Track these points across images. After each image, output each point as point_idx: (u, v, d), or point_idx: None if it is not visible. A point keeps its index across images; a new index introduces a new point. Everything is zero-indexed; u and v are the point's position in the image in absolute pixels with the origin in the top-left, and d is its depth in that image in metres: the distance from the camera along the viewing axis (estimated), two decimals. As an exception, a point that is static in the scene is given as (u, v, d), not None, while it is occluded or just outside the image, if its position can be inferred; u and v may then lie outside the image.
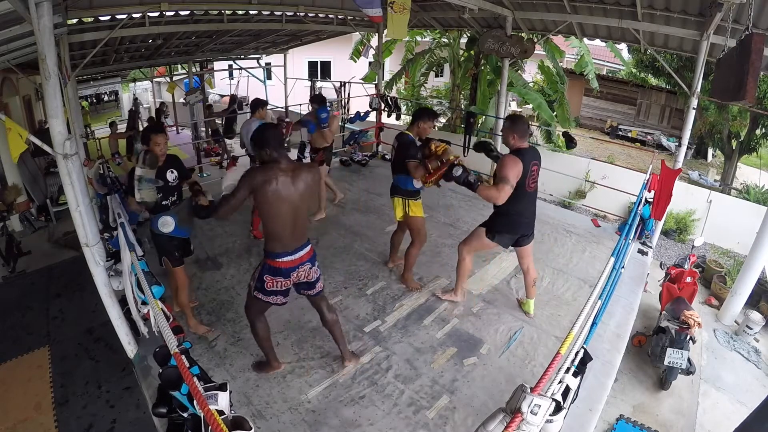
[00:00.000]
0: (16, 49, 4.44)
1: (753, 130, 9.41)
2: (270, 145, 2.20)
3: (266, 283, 2.33)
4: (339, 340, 2.71)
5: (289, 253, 2.31)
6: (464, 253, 3.21)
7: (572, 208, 7.48)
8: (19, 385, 3.71)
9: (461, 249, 3.22)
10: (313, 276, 2.46)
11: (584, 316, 1.88)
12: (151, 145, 2.74)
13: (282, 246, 2.29)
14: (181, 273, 2.95)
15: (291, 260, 2.32)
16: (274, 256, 2.30)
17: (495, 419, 1.48)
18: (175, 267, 2.90)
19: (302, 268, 2.38)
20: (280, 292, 2.39)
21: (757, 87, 4.86)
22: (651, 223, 4.45)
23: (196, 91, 9.92)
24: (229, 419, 1.42)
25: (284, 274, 2.33)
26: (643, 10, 4.70)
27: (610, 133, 14.36)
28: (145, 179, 2.64)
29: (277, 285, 2.34)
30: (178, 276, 2.94)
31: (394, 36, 4.95)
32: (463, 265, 3.25)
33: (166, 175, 2.80)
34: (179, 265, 2.92)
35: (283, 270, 2.32)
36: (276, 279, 2.33)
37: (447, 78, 14.21)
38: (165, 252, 2.88)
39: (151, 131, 2.80)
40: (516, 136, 2.82)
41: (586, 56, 9.23)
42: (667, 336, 3.75)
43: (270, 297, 2.39)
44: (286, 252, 2.30)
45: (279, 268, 2.31)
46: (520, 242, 3.08)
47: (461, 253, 3.23)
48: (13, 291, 5.14)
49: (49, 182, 7.59)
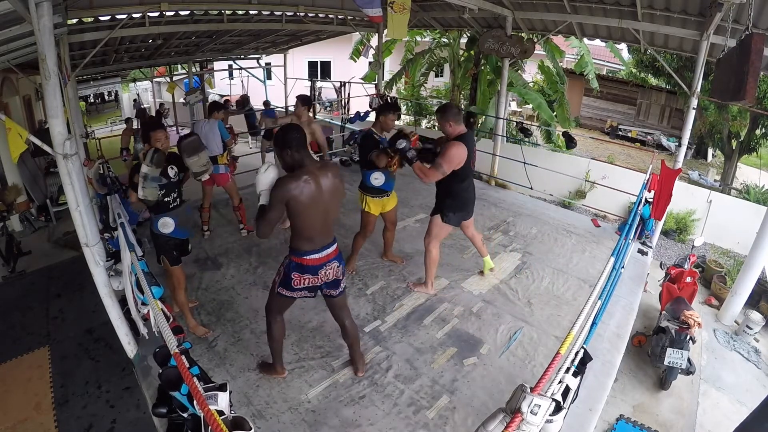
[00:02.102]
0: (16, 49, 4.44)
1: (753, 130, 9.41)
2: (292, 146, 2.13)
3: (293, 280, 2.30)
4: (356, 354, 2.70)
5: (317, 251, 2.27)
6: (429, 245, 3.35)
7: (572, 208, 7.47)
8: (19, 385, 3.71)
9: (425, 243, 3.38)
10: (339, 274, 2.41)
11: (584, 316, 1.88)
12: (152, 142, 2.74)
13: (310, 245, 2.26)
14: (179, 272, 2.96)
15: (318, 257, 2.28)
16: (301, 254, 2.26)
17: (495, 419, 1.48)
18: (172, 266, 2.91)
19: (330, 266, 2.34)
20: (308, 288, 2.35)
21: (757, 87, 4.86)
22: (651, 223, 4.45)
23: (196, 91, 9.92)
24: (229, 419, 1.42)
25: (312, 272, 2.29)
26: (643, 10, 4.70)
27: (610, 133, 14.36)
28: (150, 177, 2.64)
29: (304, 282, 2.31)
30: (176, 275, 2.95)
31: (394, 36, 4.95)
32: (430, 258, 3.39)
33: (167, 171, 2.80)
34: (177, 264, 2.93)
35: (310, 267, 2.28)
36: (304, 276, 2.29)
37: (447, 78, 14.21)
38: (163, 251, 2.88)
39: (150, 128, 2.80)
40: (452, 122, 2.94)
41: (586, 56, 9.22)
42: (667, 336, 3.75)
43: (295, 293, 2.36)
44: (314, 250, 2.26)
45: (306, 265, 2.28)
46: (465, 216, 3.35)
47: (426, 246, 3.37)
48: (13, 291, 5.14)
49: (49, 182, 7.60)
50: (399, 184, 3.78)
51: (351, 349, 2.70)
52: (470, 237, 3.62)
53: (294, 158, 2.15)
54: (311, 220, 2.19)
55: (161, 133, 2.79)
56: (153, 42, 7.46)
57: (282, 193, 2.09)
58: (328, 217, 2.27)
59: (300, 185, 2.09)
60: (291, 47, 11.00)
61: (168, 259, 2.88)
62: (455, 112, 2.97)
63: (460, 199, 3.21)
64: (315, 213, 2.18)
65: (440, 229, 3.30)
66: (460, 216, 3.29)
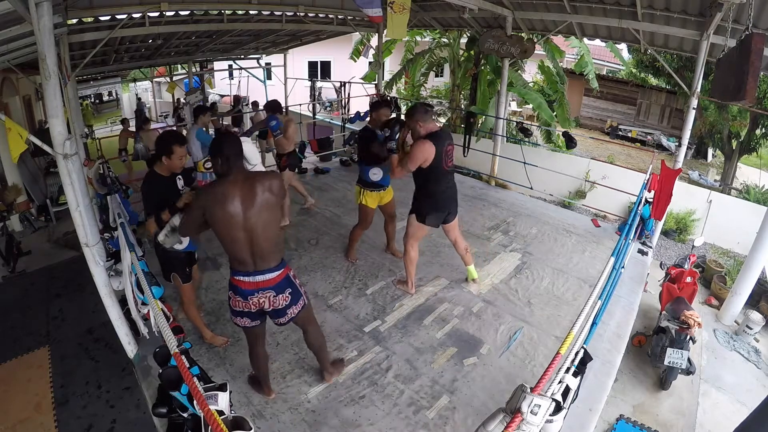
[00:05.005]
0: (16, 49, 4.44)
1: (753, 130, 9.41)
2: (223, 154, 1.96)
3: (231, 300, 2.13)
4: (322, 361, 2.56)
5: (248, 274, 2.04)
6: (407, 245, 3.37)
7: (572, 208, 7.47)
8: (19, 385, 3.71)
9: (404, 242, 3.39)
10: (281, 303, 2.12)
11: (584, 316, 1.88)
12: (172, 157, 2.48)
13: (240, 264, 2.04)
14: (190, 289, 2.83)
15: (248, 281, 2.04)
16: (233, 273, 2.08)
17: (495, 419, 1.48)
18: (184, 284, 2.76)
19: (263, 294, 2.07)
20: (244, 313, 2.12)
21: (757, 87, 4.85)
22: (651, 223, 4.45)
23: (196, 91, 9.92)
24: (229, 419, 1.42)
25: (242, 296, 2.06)
26: (643, 10, 4.70)
27: (610, 133, 14.35)
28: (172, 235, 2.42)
29: (238, 305, 2.10)
30: (186, 291, 2.81)
31: (394, 36, 4.95)
32: (408, 257, 3.42)
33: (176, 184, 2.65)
34: (188, 281, 2.78)
35: (239, 290, 2.06)
36: (236, 298, 2.09)
37: (447, 78, 14.20)
38: (176, 268, 2.72)
39: (175, 140, 2.52)
40: (420, 122, 2.97)
41: (586, 56, 9.22)
42: (667, 336, 3.75)
43: (237, 319, 2.16)
44: (245, 272, 2.04)
45: (236, 286, 2.07)
46: (446, 219, 3.28)
47: (405, 246, 3.39)
48: (13, 291, 5.14)
49: (49, 182, 7.60)
50: (399, 184, 3.79)
51: (317, 357, 2.55)
52: (452, 241, 3.51)
53: (222, 168, 1.98)
54: (232, 236, 1.97)
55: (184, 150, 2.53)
56: (153, 42, 7.45)
57: (198, 201, 2.01)
58: (258, 237, 1.98)
59: (214, 195, 1.94)
60: (291, 47, 11.00)
61: (180, 277, 2.73)
62: (422, 111, 2.99)
63: (433, 199, 3.14)
64: (236, 230, 1.95)
65: (416, 229, 3.28)
66: (436, 217, 3.20)
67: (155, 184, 2.53)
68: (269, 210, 2.00)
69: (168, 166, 2.52)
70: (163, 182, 2.55)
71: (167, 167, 2.53)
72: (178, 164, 2.54)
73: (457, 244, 3.51)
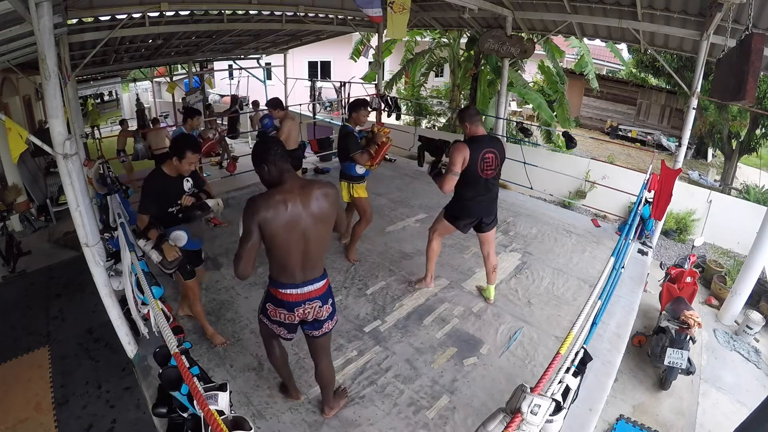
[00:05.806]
0: (16, 49, 4.44)
1: (753, 130, 9.41)
2: (269, 160, 1.83)
3: (269, 311, 2.04)
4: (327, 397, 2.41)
5: (295, 286, 1.95)
6: (430, 233, 3.40)
7: (572, 208, 7.47)
8: (19, 385, 3.71)
9: (429, 232, 3.41)
10: (323, 314, 2.06)
11: (584, 316, 1.88)
12: (183, 161, 2.50)
13: (287, 277, 1.94)
14: (193, 284, 2.82)
15: (297, 294, 1.96)
16: (278, 286, 1.97)
17: (495, 419, 1.48)
18: (186, 281, 2.76)
19: (310, 305, 2.00)
20: (284, 324, 2.05)
21: (757, 87, 4.85)
22: (651, 223, 4.44)
23: (196, 91, 9.92)
24: (229, 419, 1.42)
25: (287, 308, 1.98)
26: (643, 10, 4.71)
27: (610, 133, 14.35)
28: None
29: (279, 316, 2.02)
30: (190, 288, 2.81)
31: (394, 36, 4.95)
32: (431, 247, 3.43)
33: (182, 185, 2.66)
34: (191, 278, 2.78)
35: (285, 303, 1.97)
36: (278, 310, 2.01)
37: (447, 78, 14.21)
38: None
39: (191, 146, 2.52)
40: (467, 124, 3.01)
41: (586, 56, 9.24)
42: (667, 336, 3.75)
43: (273, 326, 2.08)
44: (293, 284, 1.95)
45: (281, 300, 1.97)
46: (481, 228, 3.22)
47: (429, 236, 3.41)
48: (13, 291, 5.14)
49: (49, 182, 7.60)
50: (399, 184, 3.79)
51: (323, 392, 2.40)
52: (484, 256, 3.36)
53: (272, 175, 1.86)
54: (288, 248, 1.86)
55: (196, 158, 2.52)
56: (153, 42, 7.46)
57: (252, 216, 1.79)
58: (312, 247, 1.90)
59: (273, 205, 1.79)
60: (291, 47, 11.01)
61: (182, 274, 2.69)
62: (471, 113, 3.01)
63: (463, 203, 3.10)
64: (293, 240, 1.85)
65: (442, 225, 3.29)
66: (463, 222, 3.16)
67: (157, 180, 2.59)
68: (324, 221, 1.91)
69: (177, 167, 2.59)
70: (166, 181, 2.61)
71: (176, 168, 2.61)
72: (187, 169, 2.61)
73: (488, 260, 3.34)
